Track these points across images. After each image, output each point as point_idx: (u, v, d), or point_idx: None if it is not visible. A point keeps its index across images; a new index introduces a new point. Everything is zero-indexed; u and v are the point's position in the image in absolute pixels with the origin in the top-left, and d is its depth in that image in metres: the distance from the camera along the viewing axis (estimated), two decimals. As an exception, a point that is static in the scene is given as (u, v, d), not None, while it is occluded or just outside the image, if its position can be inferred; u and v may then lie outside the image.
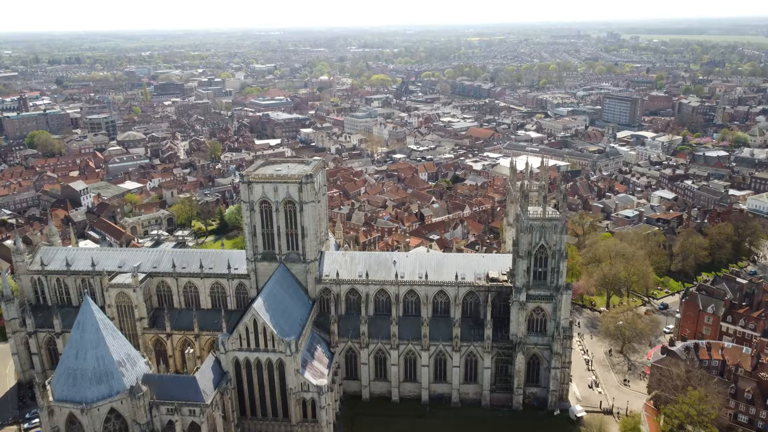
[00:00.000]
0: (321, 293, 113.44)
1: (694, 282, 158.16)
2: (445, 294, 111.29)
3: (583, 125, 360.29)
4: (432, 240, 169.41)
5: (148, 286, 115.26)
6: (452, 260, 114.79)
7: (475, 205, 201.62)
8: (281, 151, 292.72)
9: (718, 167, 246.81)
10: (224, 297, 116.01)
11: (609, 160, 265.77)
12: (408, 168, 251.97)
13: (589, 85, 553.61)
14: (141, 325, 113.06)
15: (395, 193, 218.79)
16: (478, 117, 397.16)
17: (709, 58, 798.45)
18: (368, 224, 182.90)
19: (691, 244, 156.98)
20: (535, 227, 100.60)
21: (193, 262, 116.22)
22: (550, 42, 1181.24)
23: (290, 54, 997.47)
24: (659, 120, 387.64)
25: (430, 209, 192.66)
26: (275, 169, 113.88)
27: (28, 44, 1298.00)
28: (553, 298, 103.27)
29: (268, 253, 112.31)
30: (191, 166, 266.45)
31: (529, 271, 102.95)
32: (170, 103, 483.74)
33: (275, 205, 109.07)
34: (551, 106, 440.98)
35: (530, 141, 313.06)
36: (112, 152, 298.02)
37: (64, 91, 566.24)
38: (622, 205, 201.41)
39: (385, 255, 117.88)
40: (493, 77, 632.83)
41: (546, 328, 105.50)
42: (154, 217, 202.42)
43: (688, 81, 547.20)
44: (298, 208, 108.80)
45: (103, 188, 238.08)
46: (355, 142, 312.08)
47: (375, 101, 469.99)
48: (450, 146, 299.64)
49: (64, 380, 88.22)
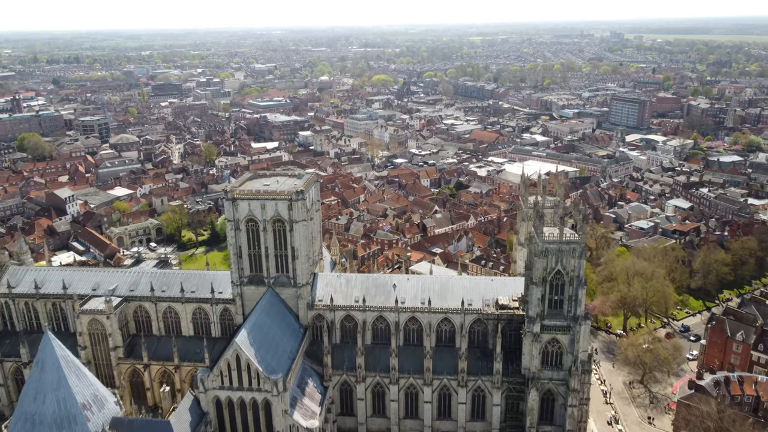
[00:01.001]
0: (313, 320, 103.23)
1: (716, 301, 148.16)
2: (450, 322, 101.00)
3: (590, 128, 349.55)
4: (435, 254, 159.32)
5: (124, 312, 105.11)
6: (458, 284, 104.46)
7: (480, 215, 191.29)
8: (278, 156, 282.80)
9: (734, 173, 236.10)
10: (207, 323, 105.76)
11: (619, 165, 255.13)
12: (409, 174, 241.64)
13: (594, 85, 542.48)
14: (116, 355, 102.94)
15: (396, 201, 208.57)
16: (482, 119, 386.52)
17: (715, 58, 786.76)
18: (367, 236, 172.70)
19: (713, 261, 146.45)
20: (551, 251, 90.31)
21: (174, 284, 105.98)
22: (553, 42, 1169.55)
23: (291, 54, 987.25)
24: (668, 122, 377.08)
25: (432, 220, 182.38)
26: (263, 183, 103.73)
27: (28, 43, 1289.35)
28: (570, 329, 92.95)
29: (256, 276, 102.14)
30: (184, 171, 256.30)
31: (544, 299, 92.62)
32: (167, 104, 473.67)
33: (263, 224, 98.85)
34: (556, 107, 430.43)
35: (536, 145, 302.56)
36: (104, 156, 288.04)
37: (60, 91, 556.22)
38: (635, 215, 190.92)
39: (384, 278, 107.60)
40: (497, 77, 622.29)
41: (562, 361, 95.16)
42: (142, 226, 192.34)
43: (696, 82, 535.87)
44: (287, 228, 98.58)
45: (91, 195, 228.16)
46: (355, 146, 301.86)
47: (376, 102, 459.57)
48: (453, 150, 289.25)
49: (21, 425, 78.28)
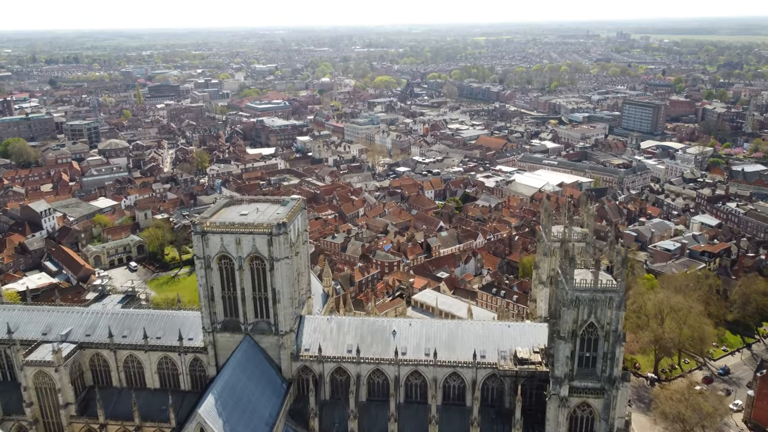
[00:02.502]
0: (299, 372, 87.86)
1: (756, 335, 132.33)
2: (460, 377, 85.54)
3: (602, 134, 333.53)
4: (440, 279, 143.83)
5: (78, 361, 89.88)
6: (469, 331, 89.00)
7: (490, 233, 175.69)
8: (274, 164, 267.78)
9: (760, 185, 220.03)
10: (176, 374, 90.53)
11: (636, 176, 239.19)
12: (412, 184, 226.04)
13: (603, 88, 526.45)
14: (67, 413, 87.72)
15: (398, 216, 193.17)
16: (488, 123, 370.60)
17: (725, 59, 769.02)
18: (366, 257, 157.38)
19: (752, 291, 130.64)
20: (582, 300, 74.83)
21: (137, 328, 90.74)
22: (558, 42, 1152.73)
23: (293, 54, 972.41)
24: (683, 127, 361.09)
25: (437, 238, 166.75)
26: (240, 213, 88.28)
27: (30, 43, 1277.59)
28: (604, 391, 77.43)
29: (231, 321, 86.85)
30: (173, 180, 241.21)
31: (573, 356, 77.18)
32: (163, 106, 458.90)
33: (238, 262, 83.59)
34: (565, 110, 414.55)
35: (546, 152, 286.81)
36: (91, 163, 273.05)
37: (56, 92, 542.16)
38: (658, 234, 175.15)
39: (382, 322, 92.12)
40: (502, 79, 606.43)
41: (594, 429, 79.69)
42: (122, 244, 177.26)
43: (709, 84, 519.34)
44: (267, 267, 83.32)
45: (72, 206, 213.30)
46: (355, 153, 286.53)
47: (378, 105, 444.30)
48: (459, 158, 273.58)
49: None
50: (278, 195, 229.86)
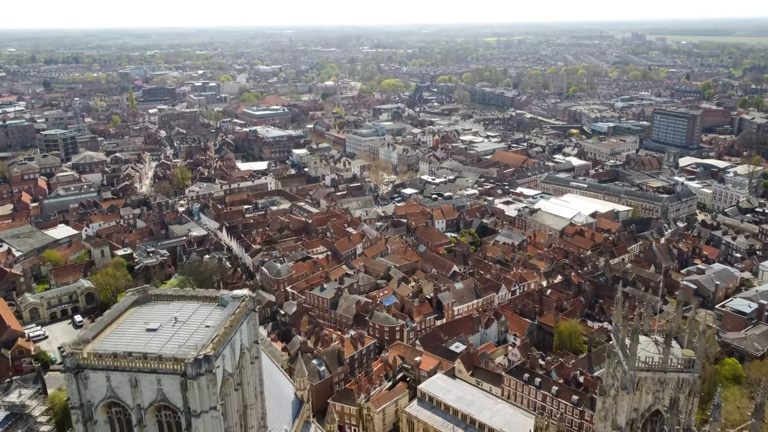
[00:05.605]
0: None
1: None
2: None
3: (633, 148, 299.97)
4: (454, 354, 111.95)
5: None
6: None
7: (515, 282, 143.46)
8: (263, 183, 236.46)
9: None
10: None
11: (681, 203, 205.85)
12: (420, 213, 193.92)
13: (626, 93, 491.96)
14: None
15: (403, 255, 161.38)
16: (505, 135, 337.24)
17: (750, 62, 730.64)
18: (361, 319, 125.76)
19: None
20: (646, 382, 43.58)
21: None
22: (572, 43, 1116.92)
23: (299, 54, 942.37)
24: (719, 140, 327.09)
25: (450, 293, 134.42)
26: (147, 325, 56.61)
27: (35, 42, 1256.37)
28: None
29: (130, 498, 55.45)
30: (146, 204, 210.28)
31: None
32: (156, 110, 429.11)
33: (137, 414, 52.17)
34: (587, 119, 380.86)
35: (572, 170, 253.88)
36: (60, 179, 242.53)
37: (47, 95, 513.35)
38: (723, 285, 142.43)
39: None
40: (516, 83, 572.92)
41: None
42: (67, 291, 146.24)
43: (740, 91, 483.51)
44: (183, 421, 51.83)
45: (24, 237, 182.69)
46: (356, 170, 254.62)
47: (384, 113, 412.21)
48: (473, 177, 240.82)
49: None
50: (264, 223, 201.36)
